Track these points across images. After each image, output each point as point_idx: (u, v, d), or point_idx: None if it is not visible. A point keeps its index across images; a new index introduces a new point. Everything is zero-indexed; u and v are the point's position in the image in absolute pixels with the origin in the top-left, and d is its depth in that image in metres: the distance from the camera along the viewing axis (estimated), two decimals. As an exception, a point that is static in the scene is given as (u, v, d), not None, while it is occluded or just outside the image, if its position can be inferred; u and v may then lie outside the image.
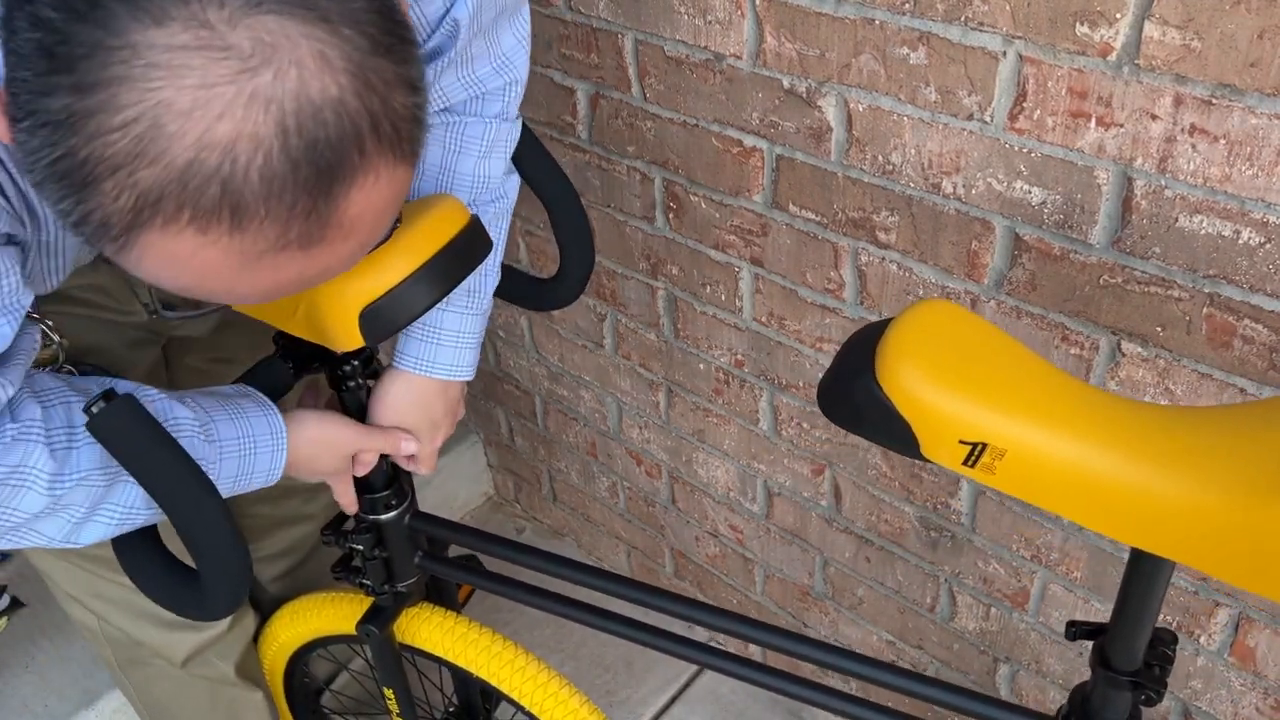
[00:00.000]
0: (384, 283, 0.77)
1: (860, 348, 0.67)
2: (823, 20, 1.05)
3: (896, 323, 0.66)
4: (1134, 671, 0.75)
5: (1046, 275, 1.03)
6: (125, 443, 0.68)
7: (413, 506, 1.05)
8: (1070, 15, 0.89)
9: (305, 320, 0.82)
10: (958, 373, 0.64)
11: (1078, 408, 0.63)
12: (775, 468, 1.47)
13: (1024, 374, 0.65)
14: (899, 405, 0.64)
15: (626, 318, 1.54)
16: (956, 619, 1.36)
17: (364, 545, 1.03)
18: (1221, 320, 0.93)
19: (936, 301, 0.68)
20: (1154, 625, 0.73)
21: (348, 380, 0.95)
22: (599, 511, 1.89)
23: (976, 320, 0.67)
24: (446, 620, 1.12)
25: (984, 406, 0.62)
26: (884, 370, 0.64)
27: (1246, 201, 0.87)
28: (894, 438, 0.65)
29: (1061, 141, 0.95)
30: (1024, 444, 0.62)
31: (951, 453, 0.64)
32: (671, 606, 0.96)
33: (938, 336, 0.65)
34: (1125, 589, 0.71)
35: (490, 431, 2.04)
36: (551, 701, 1.10)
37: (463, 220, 0.82)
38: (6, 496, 0.70)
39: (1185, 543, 0.60)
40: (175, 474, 0.70)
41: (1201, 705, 1.15)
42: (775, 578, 1.60)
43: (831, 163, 1.14)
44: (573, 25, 1.30)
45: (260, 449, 0.85)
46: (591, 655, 1.79)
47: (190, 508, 0.71)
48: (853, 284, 1.21)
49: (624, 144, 1.35)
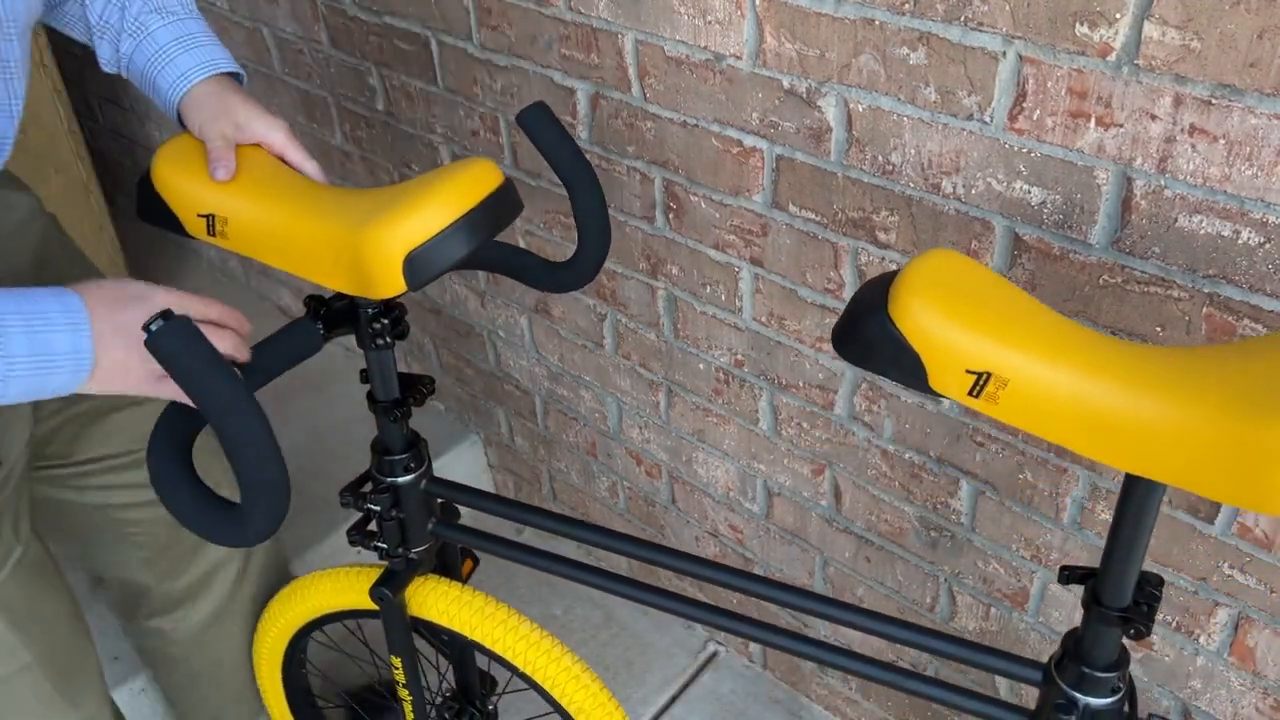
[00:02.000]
0: (427, 230, 0.84)
1: (875, 289, 0.72)
2: (823, 20, 1.05)
3: (909, 266, 0.71)
4: (1123, 608, 0.79)
5: (1046, 275, 1.03)
6: (181, 359, 0.72)
7: (429, 472, 1.09)
8: (1070, 15, 0.89)
9: (344, 270, 0.86)
10: (965, 309, 0.68)
11: (1077, 343, 0.67)
12: (775, 468, 1.47)
13: (1026, 313, 0.69)
14: (910, 338, 0.68)
15: (626, 318, 1.54)
16: (956, 619, 1.36)
17: (381, 506, 1.07)
18: (1221, 320, 0.93)
19: (946, 250, 0.72)
20: (1141, 565, 0.78)
21: (376, 339, 0.98)
22: (599, 511, 1.89)
23: (982, 268, 0.72)
24: (454, 590, 1.14)
25: (989, 339, 0.67)
26: (897, 306, 0.69)
27: (1246, 201, 0.87)
28: (904, 369, 0.70)
29: (1061, 141, 0.95)
30: (1026, 374, 0.66)
31: (958, 382, 0.68)
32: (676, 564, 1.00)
33: (947, 279, 0.70)
34: (1117, 522, 0.75)
35: (490, 431, 2.04)
36: (557, 668, 1.12)
37: (497, 180, 0.89)
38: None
39: (1176, 464, 0.64)
40: (227, 390, 0.73)
41: (1201, 705, 1.15)
42: (775, 577, 1.60)
43: (831, 163, 1.14)
44: (573, 25, 1.30)
45: (52, 324, 0.77)
46: (592, 655, 1.79)
47: (239, 424, 0.74)
48: (853, 284, 1.21)
49: (624, 144, 1.35)
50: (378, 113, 1.74)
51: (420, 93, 1.62)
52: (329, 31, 1.72)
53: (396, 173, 1.80)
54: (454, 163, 0.90)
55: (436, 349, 2.04)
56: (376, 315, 0.97)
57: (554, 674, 1.12)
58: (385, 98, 1.70)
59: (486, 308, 1.81)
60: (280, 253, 0.90)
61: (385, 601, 1.11)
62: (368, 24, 1.63)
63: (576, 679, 1.12)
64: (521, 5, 1.35)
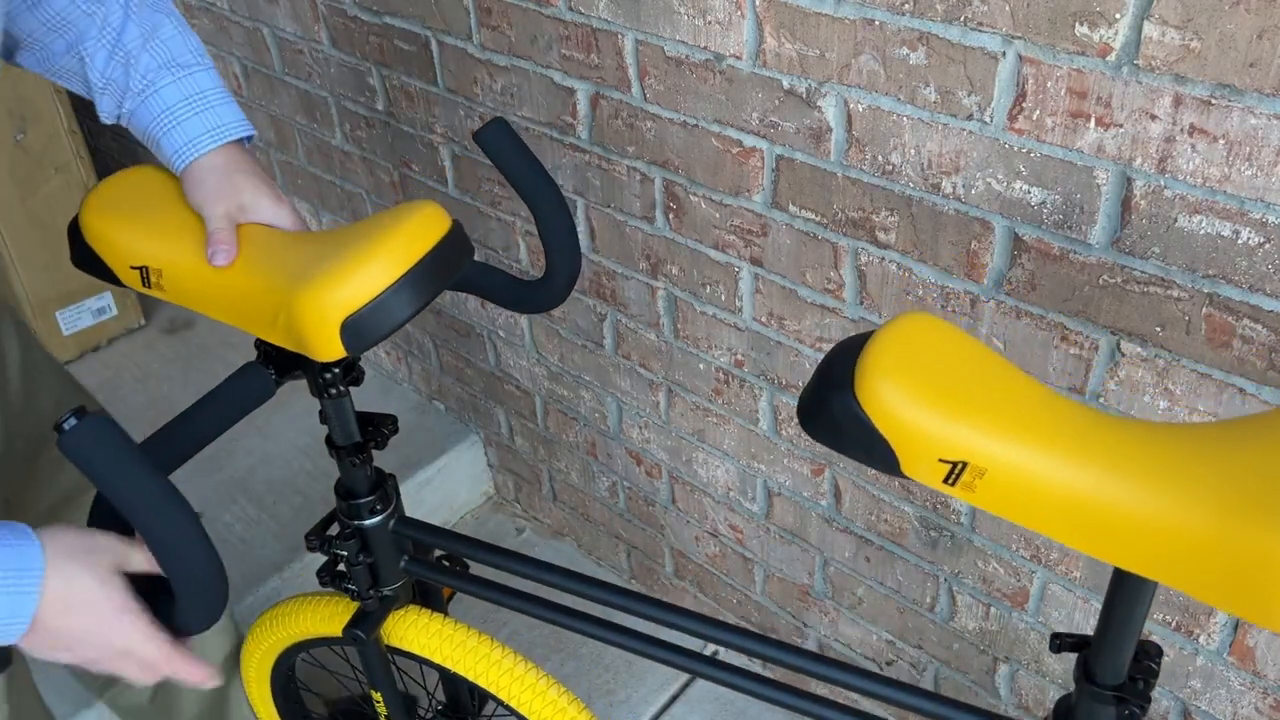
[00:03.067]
0: (367, 292, 0.76)
1: (840, 362, 0.66)
2: (823, 20, 1.05)
3: (876, 337, 0.65)
4: (1118, 686, 0.74)
5: (1046, 275, 1.03)
6: (97, 460, 0.68)
7: (398, 511, 1.04)
8: (1070, 15, 0.89)
9: (285, 330, 0.80)
10: (938, 389, 0.63)
11: (1059, 425, 0.62)
12: (775, 467, 1.47)
13: (1006, 390, 0.64)
14: (878, 423, 0.63)
15: (626, 318, 1.54)
16: (956, 618, 1.36)
17: (348, 551, 1.02)
18: (1221, 320, 0.93)
19: (918, 315, 0.67)
20: (1138, 639, 0.73)
21: (330, 388, 0.93)
22: (599, 511, 1.89)
23: (958, 334, 0.66)
24: (434, 623, 1.12)
25: (964, 425, 0.61)
26: (863, 387, 0.63)
27: (1246, 201, 0.87)
28: (874, 455, 0.64)
29: (1061, 142, 0.95)
30: (1004, 463, 0.61)
31: (931, 471, 0.63)
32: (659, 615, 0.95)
33: (918, 351, 0.64)
34: (1109, 606, 0.71)
35: (490, 431, 2.04)
36: (541, 703, 1.10)
37: (444, 227, 0.81)
38: None
39: (1167, 563, 0.60)
40: (147, 490, 0.69)
41: (1201, 705, 1.16)
42: (775, 577, 1.60)
43: (831, 163, 1.14)
44: (573, 25, 1.30)
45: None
46: (592, 654, 1.79)
47: (164, 525, 0.70)
48: (852, 284, 1.21)
49: (624, 144, 1.35)
50: (378, 113, 1.74)
51: (420, 93, 1.62)
52: (329, 31, 1.72)
53: (396, 172, 1.80)
54: (397, 208, 0.83)
55: (436, 349, 2.04)
56: (327, 365, 0.91)
57: (530, 701, 1.09)
58: (385, 98, 1.70)
59: (486, 308, 1.81)
60: (218, 306, 0.85)
61: (359, 641, 1.08)
62: (368, 24, 1.63)
63: (562, 712, 1.10)
64: (521, 5, 1.35)
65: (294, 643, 1.23)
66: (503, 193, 1.60)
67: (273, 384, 0.90)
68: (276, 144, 2.08)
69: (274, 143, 2.09)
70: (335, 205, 2.03)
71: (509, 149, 0.92)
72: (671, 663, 0.96)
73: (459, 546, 1.05)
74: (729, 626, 0.93)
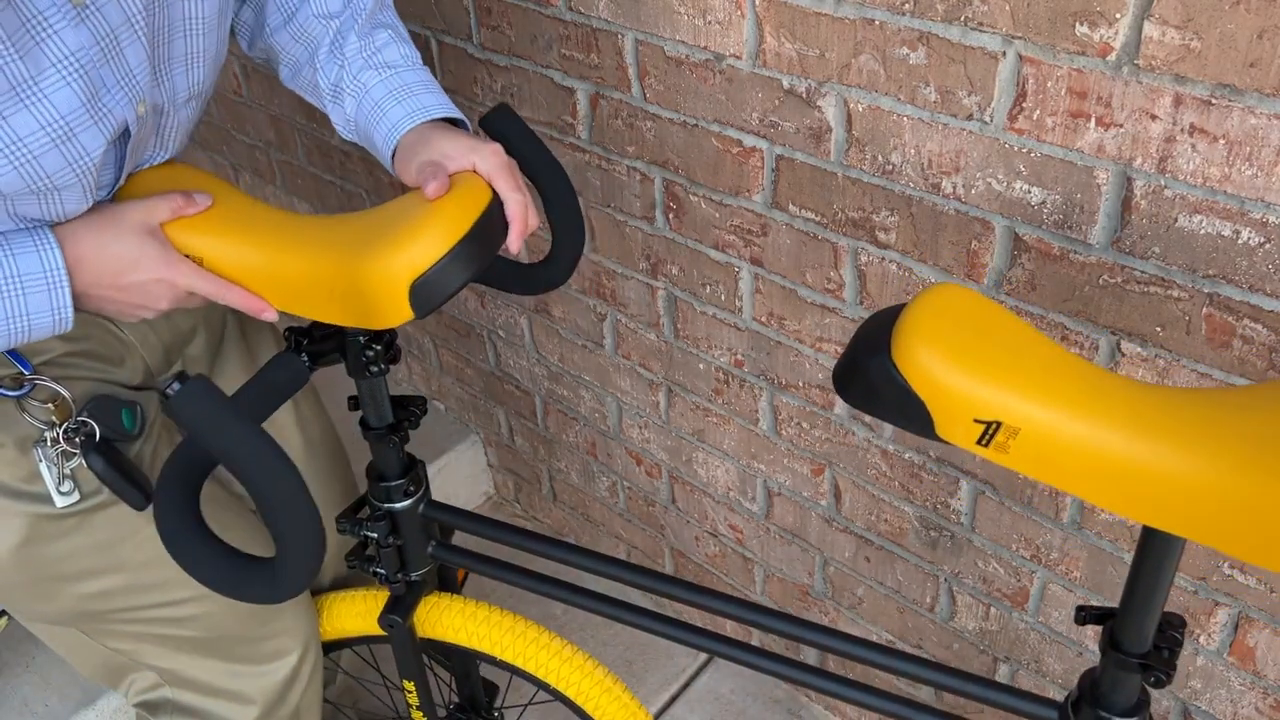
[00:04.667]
0: (431, 255, 0.80)
1: (876, 328, 0.68)
2: (822, 20, 1.05)
3: (912, 305, 0.67)
4: (1143, 654, 0.75)
5: (1046, 275, 1.03)
6: (202, 420, 0.70)
7: (427, 495, 1.06)
8: (1070, 15, 0.89)
9: (340, 303, 0.83)
10: (972, 353, 0.64)
11: (1090, 388, 0.64)
12: (775, 467, 1.47)
13: (1037, 355, 0.66)
14: (914, 384, 0.65)
15: (626, 318, 1.54)
16: (956, 618, 1.36)
17: (378, 534, 1.04)
18: (1221, 320, 0.93)
19: (951, 285, 0.69)
20: (1163, 608, 0.74)
21: (370, 366, 0.95)
22: (599, 511, 1.89)
23: (990, 304, 0.68)
24: (466, 606, 1.12)
25: (998, 386, 0.63)
26: (900, 350, 0.65)
27: (1246, 201, 0.87)
28: (909, 417, 0.66)
29: (1061, 141, 0.95)
30: (1037, 423, 0.63)
31: (966, 432, 0.65)
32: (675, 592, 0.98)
33: (953, 319, 0.66)
34: (1136, 569, 0.72)
35: (490, 431, 2.04)
36: (589, 683, 1.10)
37: (487, 196, 0.86)
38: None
39: (1195, 519, 0.61)
40: (252, 449, 0.72)
41: (1201, 705, 1.15)
42: (775, 577, 1.60)
43: (831, 163, 1.14)
44: (573, 25, 1.30)
45: (30, 287, 0.80)
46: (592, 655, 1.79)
47: (268, 481, 0.72)
48: (852, 284, 1.21)
49: (624, 144, 1.35)
50: (378, 113, 1.74)
51: (420, 93, 1.62)
52: (329, 31, 1.72)
53: (396, 173, 1.80)
54: None
55: (436, 349, 2.04)
56: (368, 343, 0.94)
57: (578, 681, 1.10)
58: (385, 98, 1.70)
59: (486, 308, 1.81)
60: (266, 290, 0.87)
61: (395, 628, 1.09)
62: (368, 24, 1.63)
63: (608, 691, 1.10)
64: (521, 5, 1.35)
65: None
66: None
67: (306, 371, 0.92)
68: (276, 144, 2.08)
69: (274, 143, 2.09)
70: (335, 205, 2.03)
71: (515, 133, 0.94)
72: (687, 641, 0.99)
73: (486, 529, 1.06)
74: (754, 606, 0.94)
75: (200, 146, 2.38)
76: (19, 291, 0.79)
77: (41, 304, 0.80)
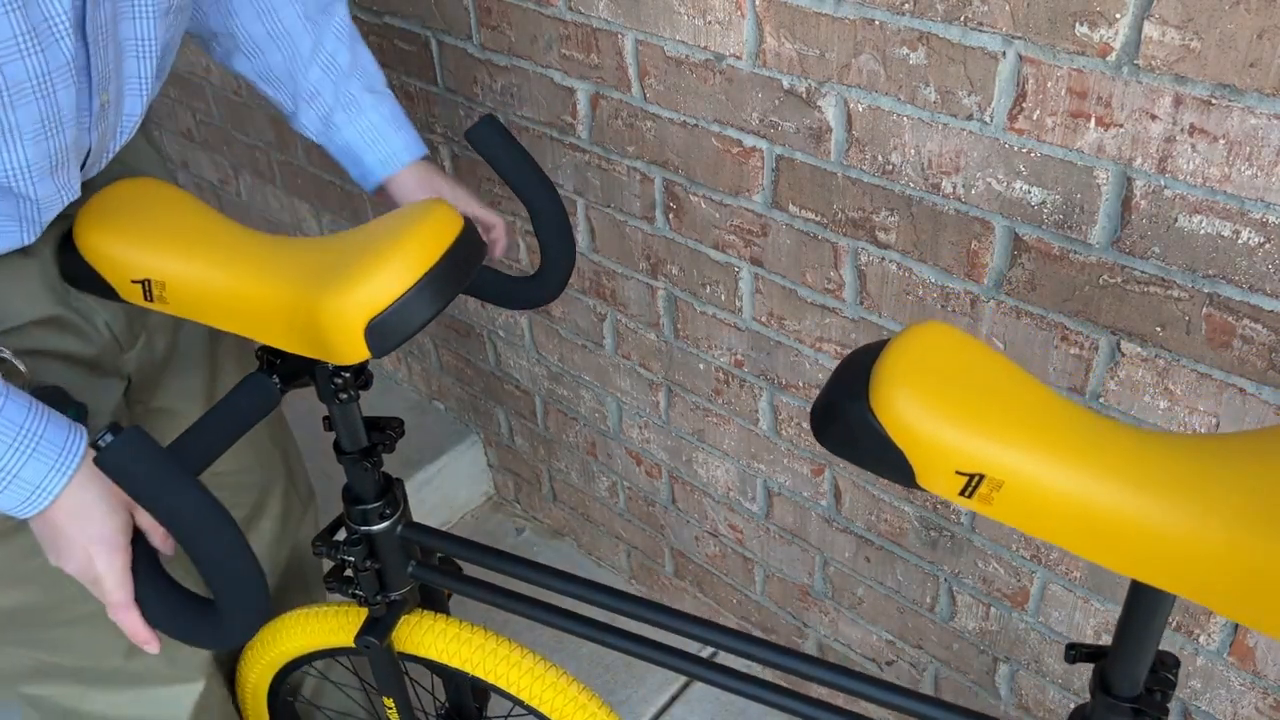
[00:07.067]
0: (390, 293, 0.76)
1: (854, 372, 0.65)
2: (822, 20, 1.05)
3: (891, 346, 0.64)
4: (1135, 697, 0.73)
5: (1046, 275, 1.03)
6: (136, 474, 0.68)
7: (405, 516, 1.04)
8: (1070, 15, 0.89)
9: (301, 335, 0.79)
10: (955, 400, 0.62)
11: (1077, 437, 0.61)
12: (775, 467, 1.47)
13: (1023, 401, 0.63)
14: (893, 434, 0.62)
15: (626, 318, 1.54)
16: (956, 618, 1.36)
17: (355, 557, 1.01)
18: (1221, 320, 0.93)
19: (933, 324, 0.66)
20: (1156, 650, 0.72)
21: (340, 393, 0.92)
22: (599, 511, 1.89)
23: (974, 344, 0.65)
24: (447, 627, 1.11)
25: (981, 436, 0.60)
26: (878, 397, 0.62)
27: (1246, 201, 0.87)
28: (889, 466, 0.63)
29: (1061, 141, 0.95)
30: (1022, 475, 0.60)
31: (948, 483, 0.62)
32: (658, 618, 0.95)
33: (934, 361, 0.63)
34: (1126, 618, 0.70)
35: (490, 431, 2.04)
36: (563, 700, 1.09)
37: (458, 226, 0.81)
38: None
39: (1185, 576, 0.59)
40: (188, 502, 0.69)
41: (1201, 705, 1.16)
42: (775, 577, 1.60)
43: (831, 163, 1.14)
44: (573, 25, 1.31)
45: (40, 451, 0.76)
46: (592, 654, 1.79)
47: (206, 536, 0.70)
48: (852, 284, 1.21)
49: (624, 144, 1.35)
50: (378, 113, 1.74)
51: (420, 92, 1.62)
52: (329, 31, 1.72)
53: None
54: (408, 208, 0.83)
55: (436, 349, 2.04)
56: (337, 370, 0.90)
57: (560, 705, 1.08)
58: (385, 98, 1.70)
59: (486, 308, 1.81)
60: (228, 316, 0.84)
61: (372, 648, 1.07)
62: (368, 24, 1.63)
63: (583, 709, 1.09)
64: (521, 5, 1.35)
65: (294, 658, 1.22)
66: (503, 193, 1.60)
67: (278, 393, 0.89)
68: (276, 144, 2.08)
69: (274, 143, 2.09)
70: (335, 205, 2.03)
71: (500, 145, 0.91)
72: (669, 665, 0.96)
73: (466, 552, 1.04)
74: (726, 629, 0.92)
75: (200, 147, 2.38)
76: (28, 449, 0.76)
77: (36, 473, 0.76)
